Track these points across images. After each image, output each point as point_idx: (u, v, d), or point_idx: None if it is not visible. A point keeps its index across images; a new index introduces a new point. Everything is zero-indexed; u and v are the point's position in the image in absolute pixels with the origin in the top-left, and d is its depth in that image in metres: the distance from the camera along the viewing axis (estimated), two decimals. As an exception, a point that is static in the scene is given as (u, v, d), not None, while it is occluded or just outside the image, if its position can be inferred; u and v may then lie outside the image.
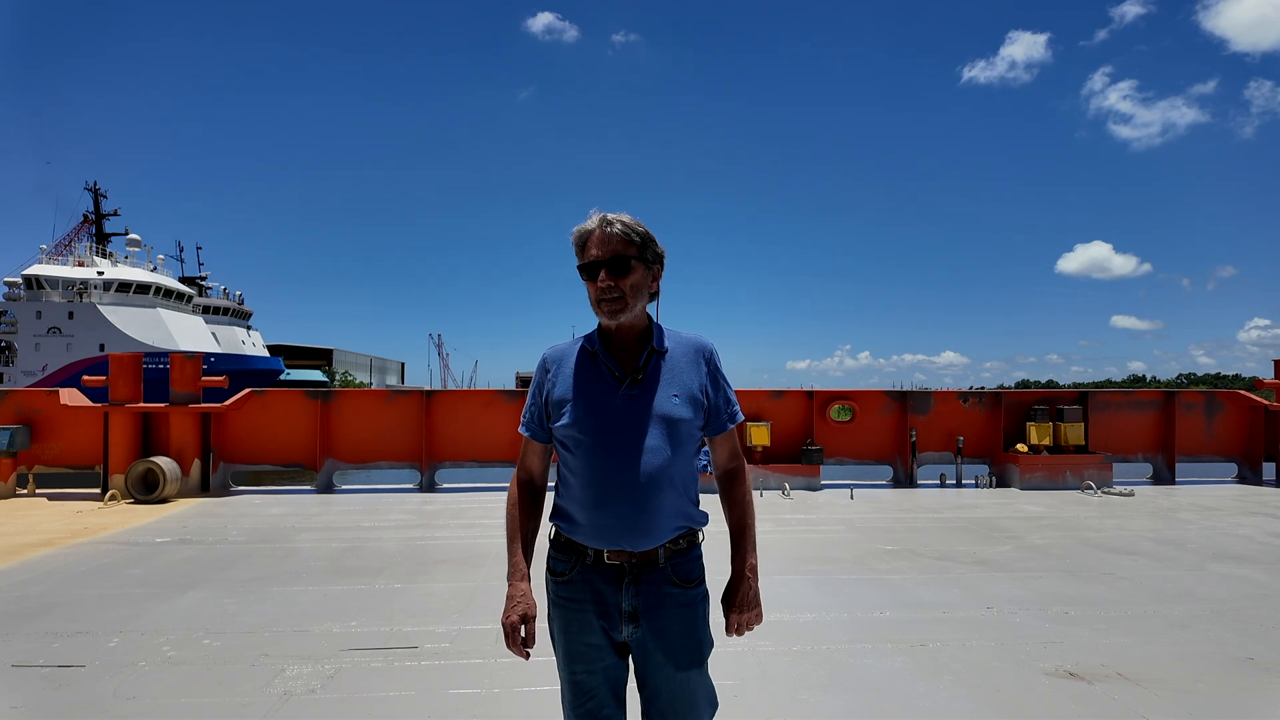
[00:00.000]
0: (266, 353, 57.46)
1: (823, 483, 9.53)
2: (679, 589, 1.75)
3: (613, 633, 1.73)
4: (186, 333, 46.45)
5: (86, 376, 9.47)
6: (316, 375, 64.85)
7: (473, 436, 9.70)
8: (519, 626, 1.73)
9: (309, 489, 9.38)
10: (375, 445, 9.63)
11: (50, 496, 8.70)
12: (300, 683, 3.30)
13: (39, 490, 8.99)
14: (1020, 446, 9.74)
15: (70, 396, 9.10)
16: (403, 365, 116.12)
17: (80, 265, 46.87)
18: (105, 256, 48.88)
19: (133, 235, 50.66)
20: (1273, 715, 3.02)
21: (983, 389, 11.32)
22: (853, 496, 8.82)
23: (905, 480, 9.91)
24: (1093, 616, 4.23)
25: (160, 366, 10.02)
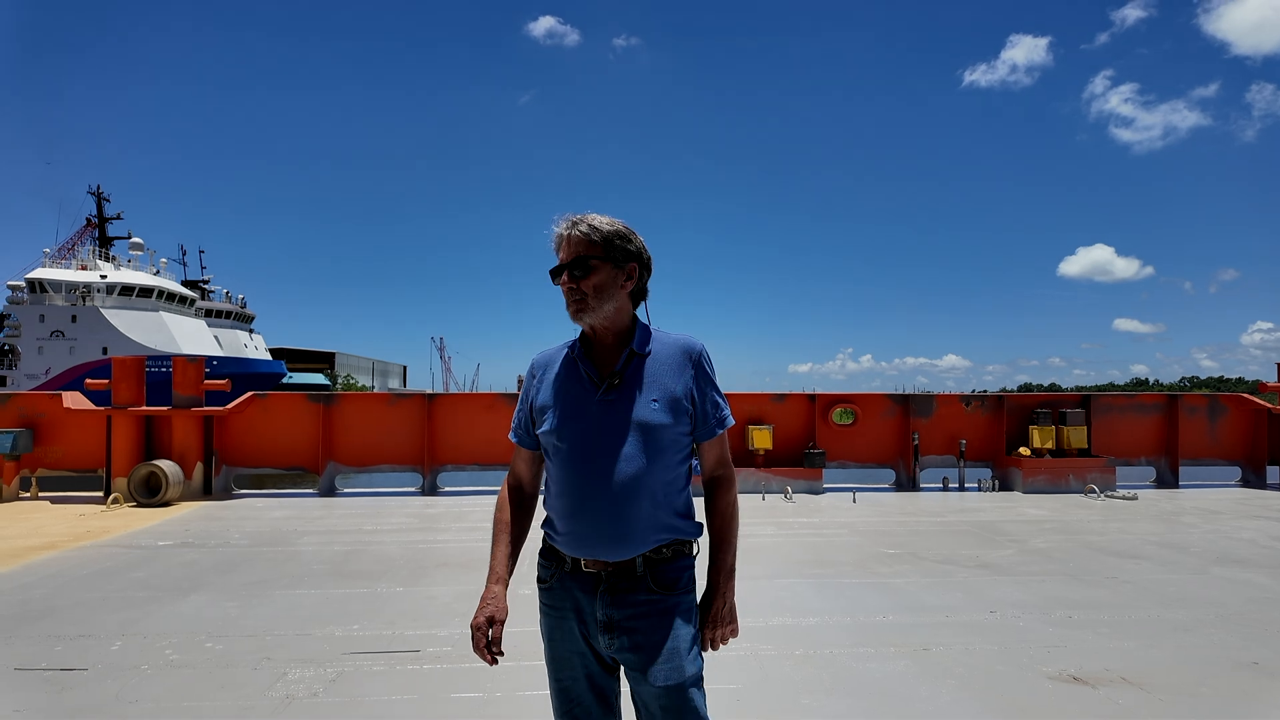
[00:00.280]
0: (269, 356, 57.52)
1: (825, 486, 9.52)
2: (658, 595, 1.68)
3: (593, 641, 1.70)
4: (189, 336, 46.52)
5: (89, 380, 9.49)
6: (319, 379, 64.91)
7: (474, 440, 9.70)
8: (483, 628, 1.71)
9: (311, 492, 9.39)
10: (377, 448, 9.63)
11: (53, 500, 8.71)
12: (302, 686, 3.30)
13: (42, 494, 9.00)
14: (1023, 450, 9.72)
15: (73, 400, 9.12)
16: (405, 369, 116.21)
17: (83, 269, 46.95)
18: (108, 260, 49.00)
19: (135, 239, 50.75)
20: (1277, 720, 3.01)
21: (985, 392, 11.30)
22: (855, 500, 8.80)
23: (908, 484, 9.89)
24: (1096, 620, 4.21)
25: (163, 370, 10.01)
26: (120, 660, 3.60)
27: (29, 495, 8.91)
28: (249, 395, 9.56)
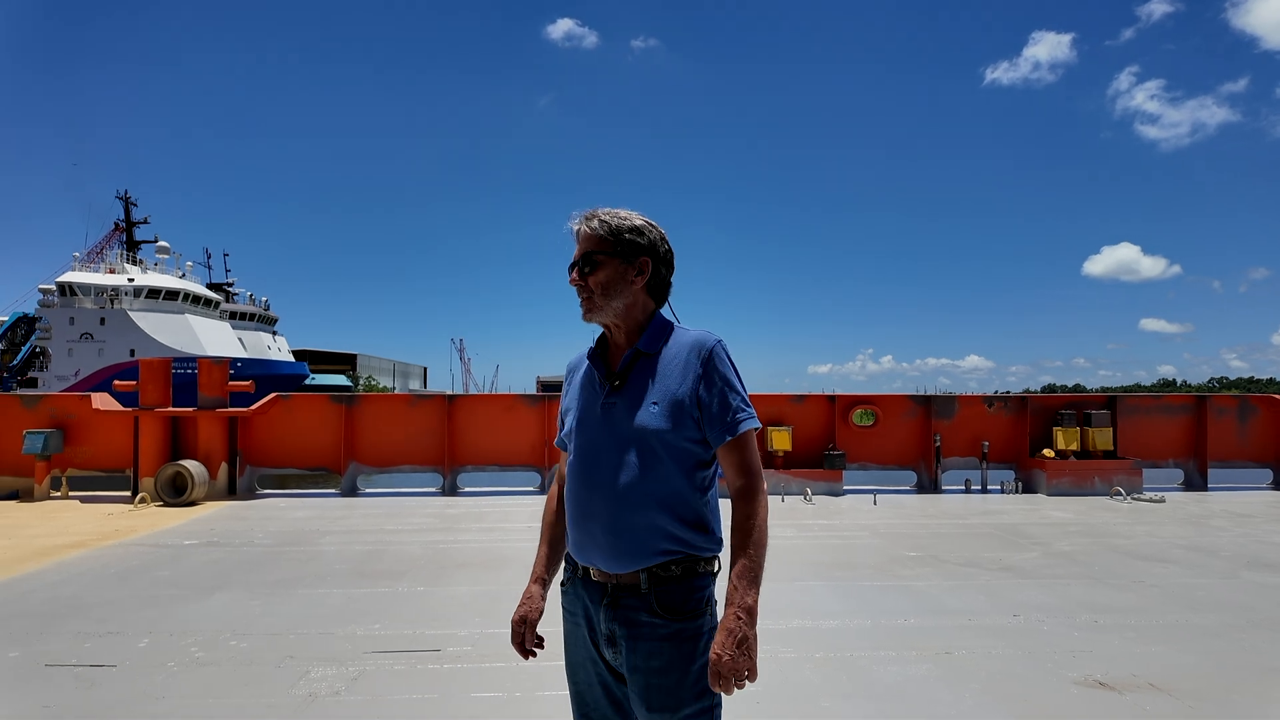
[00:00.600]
0: (292, 358, 58.23)
1: (845, 488, 9.45)
2: (660, 620, 1.54)
3: (602, 650, 1.64)
4: (214, 338, 47.23)
5: (117, 381, 9.67)
6: (341, 380, 65.44)
7: (494, 441, 9.75)
8: (517, 626, 1.74)
9: (333, 492, 9.49)
10: (398, 449, 9.71)
11: (82, 499, 8.87)
12: (324, 685, 3.33)
13: (71, 493, 9.17)
14: (1047, 451, 9.59)
15: (102, 401, 9.28)
16: (425, 370, 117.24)
17: (111, 272, 47.85)
18: (135, 264, 49.89)
19: (162, 243, 51.66)
20: (1311, 728, 2.94)
21: (1008, 393, 11.18)
22: (876, 502, 8.74)
23: (929, 486, 9.80)
24: (1123, 625, 4.15)
25: (188, 371, 10.16)
26: (147, 658, 3.66)
27: (59, 494, 9.09)
28: (272, 396, 9.68)
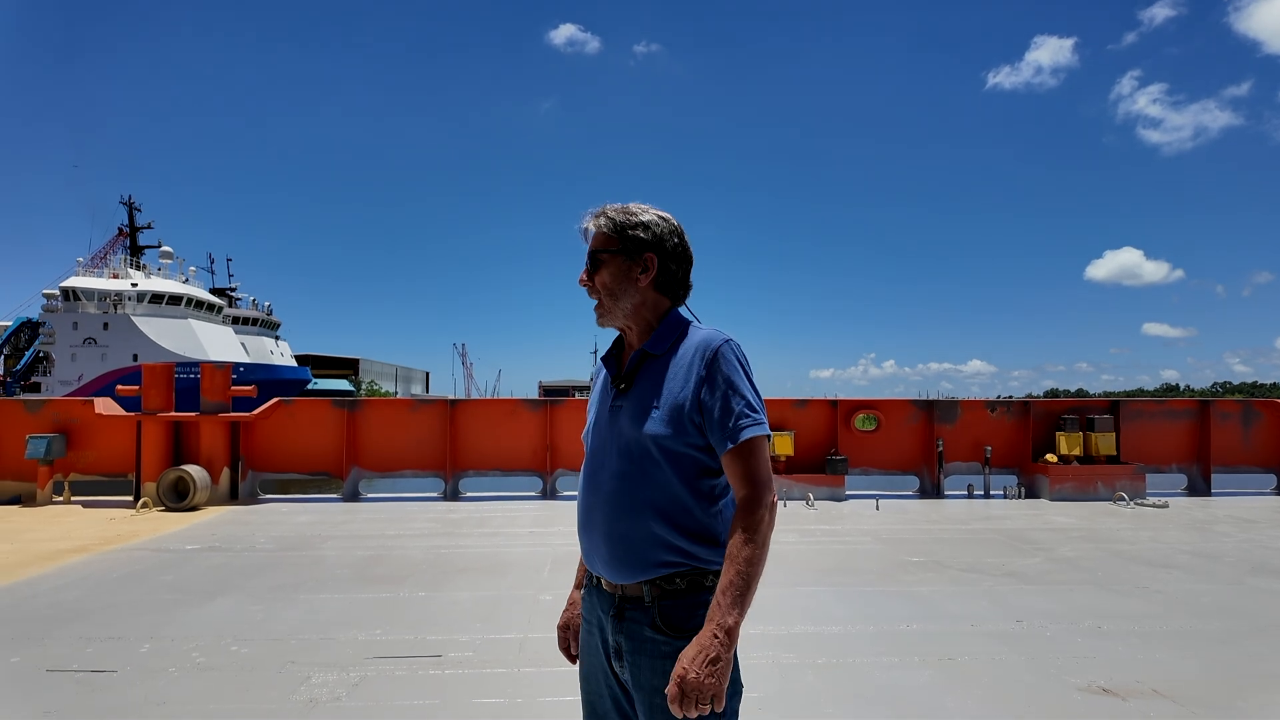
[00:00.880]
0: (294, 362, 58.36)
1: (848, 493, 9.43)
2: (663, 637, 1.46)
3: (611, 662, 1.57)
4: (217, 343, 47.34)
5: (120, 386, 9.69)
6: (343, 384, 65.64)
7: (496, 445, 9.74)
8: (561, 632, 1.74)
9: (335, 497, 9.49)
10: (400, 454, 9.71)
11: (84, 504, 8.87)
12: (325, 690, 3.32)
13: (74, 498, 9.18)
14: (1050, 456, 9.56)
15: (105, 406, 9.30)
16: (427, 375, 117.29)
17: (115, 277, 48.02)
18: (139, 269, 50.05)
19: (165, 248, 51.83)
20: (1317, 735, 2.92)
21: (1010, 398, 11.15)
22: (878, 507, 8.72)
23: (932, 491, 9.77)
24: (1127, 631, 4.13)
25: (191, 376, 10.16)
26: (149, 662, 3.65)
27: (61, 499, 9.09)
28: (275, 401, 9.69)
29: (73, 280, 46.83)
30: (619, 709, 1.59)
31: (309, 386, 51.05)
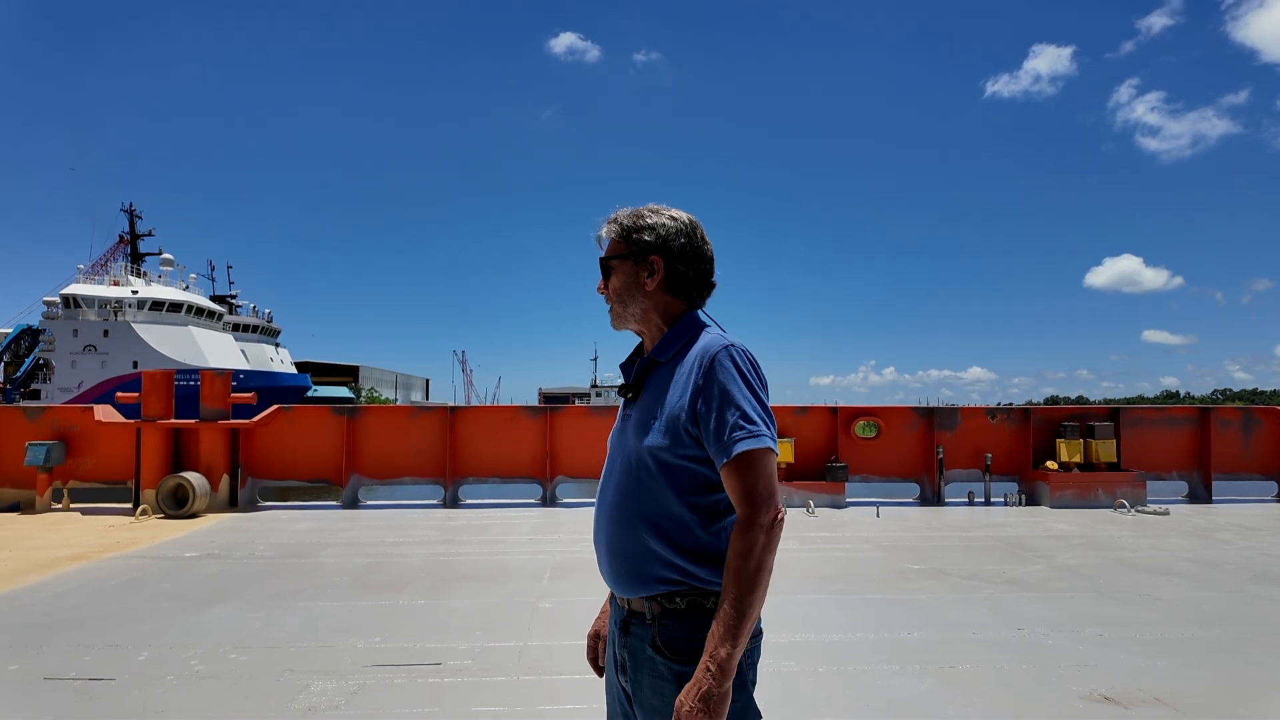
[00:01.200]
0: (294, 370, 58.27)
1: (848, 500, 9.42)
2: (661, 658, 1.41)
3: (619, 674, 1.53)
4: (217, 350, 47.29)
5: (120, 393, 9.66)
6: (343, 392, 65.56)
7: (496, 453, 9.73)
8: (591, 640, 1.70)
9: (335, 505, 9.47)
10: (400, 461, 9.70)
11: (83, 511, 8.86)
12: (324, 698, 3.31)
13: (73, 505, 9.17)
14: (1050, 464, 9.55)
15: (104, 413, 9.29)
16: (427, 382, 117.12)
17: (115, 284, 48.03)
18: (139, 276, 50.09)
19: (166, 255, 51.87)
20: (1320, 744, 2.91)
21: (1011, 405, 11.15)
22: (879, 514, 8.70)
23: (932, 498, 9.76)
24: (1128, 639, 4.11)
25: (191, 383, 10.18)
26: (147, 670, 3.64)
27: (60, 506, 9.08)
28: (274, 408, 9.68)
29: (73, 287, 46.84)
30: None
31: (309, 394, 51.02)
